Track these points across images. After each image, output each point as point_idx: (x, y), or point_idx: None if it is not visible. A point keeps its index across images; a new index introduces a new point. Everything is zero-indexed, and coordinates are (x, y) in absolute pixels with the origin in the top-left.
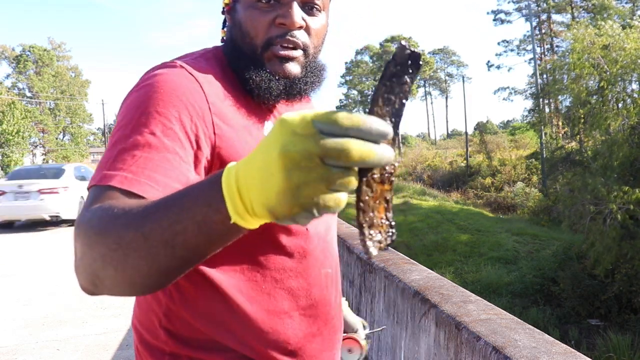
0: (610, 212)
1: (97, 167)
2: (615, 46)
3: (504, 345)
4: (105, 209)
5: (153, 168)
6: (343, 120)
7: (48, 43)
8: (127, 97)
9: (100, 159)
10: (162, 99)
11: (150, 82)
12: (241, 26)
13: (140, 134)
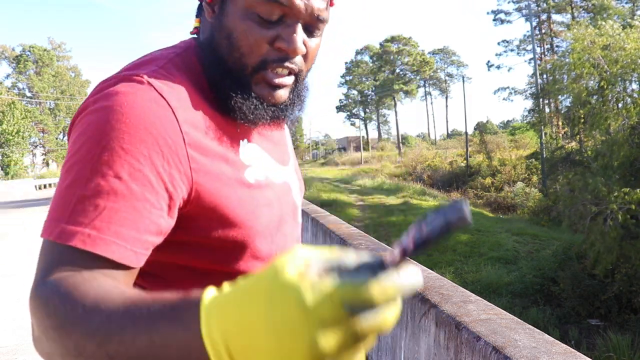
0: (611, 212)
1: (52, 211)
2: (616, 46)
3: (504, 345)
4: (64, 295)
5: (120, 221)
6: (379, 297)
7: (48, 43)
8: (81, 118)
9: (54, 198)
10: (129, 131)
11: (111, 104)
12: (231, 37)
13: (103, 178)
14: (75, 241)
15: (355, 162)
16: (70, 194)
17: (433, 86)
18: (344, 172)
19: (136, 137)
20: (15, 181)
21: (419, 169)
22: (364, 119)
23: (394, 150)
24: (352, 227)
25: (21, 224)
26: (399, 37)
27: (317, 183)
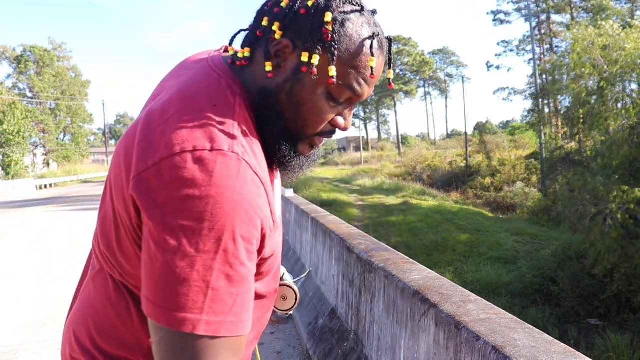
0: (610, 212)
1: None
2: (615, 46)
3: (504, 344)
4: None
5: (248, 304)
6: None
7: (48, 43)
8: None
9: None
10: (244, 221)
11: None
12: (302, 107)
13: (232, 267)
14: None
15: (355, 162)
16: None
17: (433, 86)
18: (344, 172)
19: (250, 223)
20: (15, 181)
21: (419, 169)
22: (363, 119)
23: (394, 150)
24: (352, 227)
25: (21, 224)
26: (399, 37)
27: (317, 183)
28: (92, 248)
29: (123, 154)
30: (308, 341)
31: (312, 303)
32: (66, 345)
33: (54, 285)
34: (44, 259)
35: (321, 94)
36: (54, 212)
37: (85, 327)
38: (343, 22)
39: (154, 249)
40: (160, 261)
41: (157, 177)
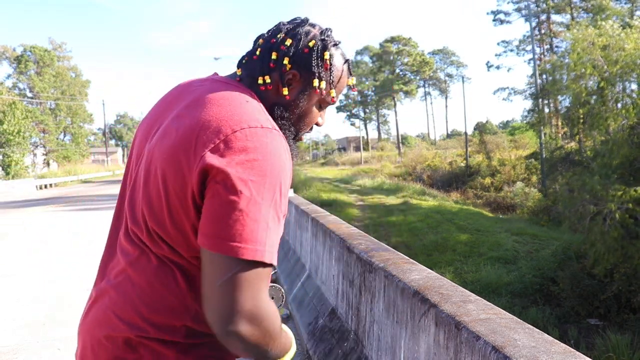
0: (610, 212)
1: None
2: (615, 46)
3: (504, 344)
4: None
5: (277, 244)
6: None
7: (48, 43)
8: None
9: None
10: (285, 180)
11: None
12: (305, 116)
13: (277, 214)
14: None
15: (355, 162)
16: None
17: (433, 86)
18: (344, 172)
19: (287, 182)
20: (15, 181)
21: (419, 169)
22: (364, 119)
23: (394, 150)
24: (352, 227)
25: (21, 224)
26: (399, 37)
27: (317, 183)
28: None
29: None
30: (308, 341)
31: (312, 303)
32: (99, 328)
33: (54, 285)
34: (44, 259)
35: (314, 105)
36: (54, 212)
37: (131, 306)
38: (332, 56)
39: (229, 199)
40: (238, 208)
41: (227, 148)
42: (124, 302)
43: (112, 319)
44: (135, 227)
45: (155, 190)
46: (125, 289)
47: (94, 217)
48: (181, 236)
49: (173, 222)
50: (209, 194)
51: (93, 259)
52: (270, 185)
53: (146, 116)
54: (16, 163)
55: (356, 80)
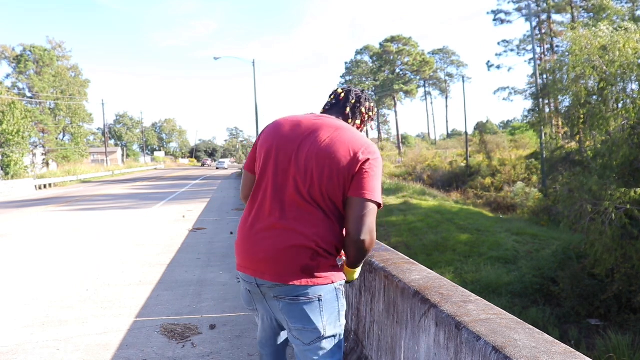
0: (609, 213)
1: (376, 190)
2: (613, 47)
3: (504, 345)
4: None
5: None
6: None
7: (48, 42)
8: (376, 151)
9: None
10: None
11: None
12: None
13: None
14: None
15: None
16: (379, 188)
17: (433, 86)
18: None
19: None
20: (15, 181)
21: (419, 169)
22: None
23: (394, 150)
24: None
25: (21, 224)
26: (399, 37)
27: None
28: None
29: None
30: None
31: None
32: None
33: (54, 285)
34: (44, 258)
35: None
36: (54, 212)
37: (312, 234)
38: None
39: (370, 174)
40: (373, 178)
41: (370, 152)
42: (307, 231)
43: (300, 237)
44: (312, 194)
45: (328, 173)
46: (306, 225)
47: (93, 217)
48: (341, 196)
49: (334, 191)
50: (359, 174)
51: (93, 259)
52: (380, 169)
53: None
54: (15, 163)
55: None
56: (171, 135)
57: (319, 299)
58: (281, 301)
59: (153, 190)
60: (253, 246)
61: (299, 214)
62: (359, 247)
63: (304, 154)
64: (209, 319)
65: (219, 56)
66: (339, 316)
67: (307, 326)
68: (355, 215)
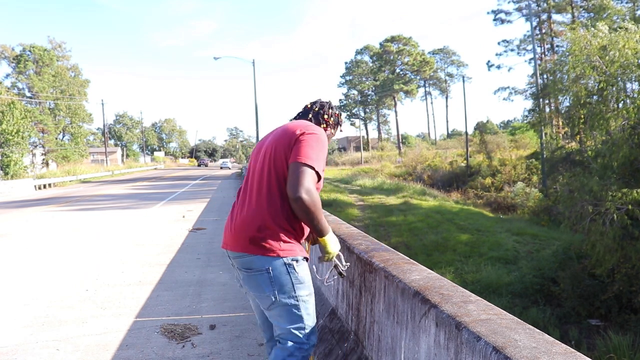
0: (610, 213)
1: (310, 157)
2: (613, 47)
3: (504, 345)
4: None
5: (322, 169)
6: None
7: (48, 42)
8: (317, 129)
9: (308, 152)
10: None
11: (323, 133)
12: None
13: (322, 160)
14: (320, 172)
15: (355, 162)
16: (317, 158)
17: (433, 86)
18: (344, 172)
19: (325, 149)
20: (14, 181)
21: (419, 169)
22: (364, 119)
23: (394, 150)
24: (352, 227)
25: (21, 224)
26: (399, 36)
27: None
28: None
29: (284, 135)
30: None
31: None
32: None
33: (54, 285)
34: (44, 259)
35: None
36: (54, 212)
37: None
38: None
39: (304, 143)
40: (307, 146)
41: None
42: (258, 207)
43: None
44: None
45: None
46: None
47: (93, 217)
48: (284, 168)
49: (285, 163)
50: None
51: (93, 259)
52: (320, 141)
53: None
54: (15, 163)
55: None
56: (171, 135)
57: (267, 271)
58: (241, 273)
59: (153, 190)
60: (228, 226)
61: (257, 195)
62: (299, 206)
63: (264, 148)
64: (208, 319)
65: (219, 56)
66: (295, 288)
67: (261, 294)
68: (290, 177)
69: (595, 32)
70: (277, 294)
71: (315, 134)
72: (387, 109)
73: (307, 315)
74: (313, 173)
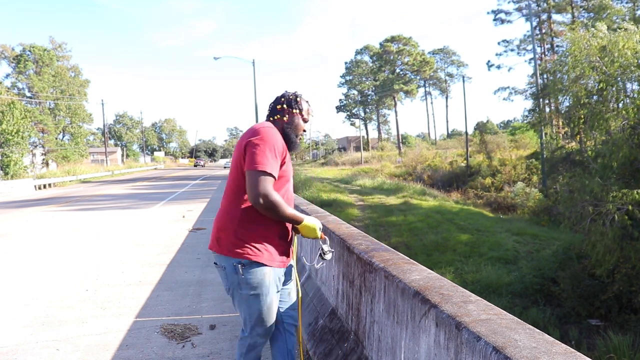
0: (610, 214)
1: (260, 161)
2: (613, 47)
3: (504, 345)
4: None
5: (275, 168)
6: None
7: (49, 42)
8: (262, 131)
9: (256, 158)
10: (276, 143)
11: (271, 131)
12: (296, 128)
13: (274, 159)
14: (273, 173)
15: (355, 162)
16: (268, 159)
17: (433, 86)
18: (344, 172)
19: (278, 144)
20: (14, 181)
21: (419, 169)
22: (364, 119)
23: (394, 150)
24: (352, 227)
25: (21, 224)
26: (399, 36)
27: (317, 183)
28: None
29: (238, 144)
30: (308, 342)
31: (312, 303)
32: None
33: (54, 285)
34: (44, 259)
35: (301, 122)
36: (54, 212)
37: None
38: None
39: (252, 150)
40: (254, 153)
41: (253, 135)
42: (219, 211)
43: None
44: (229, 182)
45: (235, 163)
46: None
47: (93, 217)
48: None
49: (242, 171)
50: (246, 154)
51: (93, 259)
52: (269, 145)
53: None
54: (15, 163)
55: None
56: (171, 135)
57: (223, 268)
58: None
59: (153, 190)
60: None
61: (224, 198)
62: (261, 210)
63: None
64: (208, 319)
65: (219, 56)
66: (240, 287)
67: (224, 286)
68: (247, 186)
69: (595, 33)
70: (230, 289)
71: (259, 136)
72: (387, 109)
73: (250, 313)
74: (265, 177)
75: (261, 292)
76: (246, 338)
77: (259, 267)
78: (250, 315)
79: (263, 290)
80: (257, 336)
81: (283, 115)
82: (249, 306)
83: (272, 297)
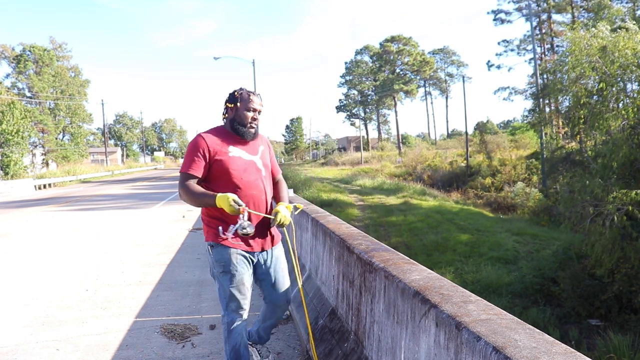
0: (609, 214)
1: (183, 164)
2: (613, 48)
3: (504, 345)
4: (188, 185)
5: (197, 168)
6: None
7: (49, 42)
8: (190, 142)
9: (183, 161)
10: (196, 148)
11: (194, 140)
12: (240, 118)
13: (193, 160)
14: (191, 171)
15: (355, 162)
16: (187, 160)
17: (433, 86)
18: (344, 172)
19: (197, 148)
20: (14, 181)
21: (419, 169)
22: (364, 119)
23: (394, 150)
24: (352, 227)
25: (21, 224)
26: (399, 36)
27: (317, 183)
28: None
29: None
30: (308, 342)
31: (312, 303)
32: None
33: (54, 285)
34: (44, 259)
35: (246, 111)
36: (54, 212)
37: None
38: (242, 95)
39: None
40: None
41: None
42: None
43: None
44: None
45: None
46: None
47: (93, 217)
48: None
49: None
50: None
51: (93, 259)
52: (189, 151)
53: None
54: (15, 163)
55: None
56: (171, 135)
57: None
58: None
59: (153, 190)
60: None
61: None
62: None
63: None
64: (208, 319)
65: (219, 56)
66: (213, 266)
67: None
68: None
69: (595, 33)
70: (210, 270)
71: (189, 143)
72: (387, 109)
73: (223, 290)
74: (181, 175)
75: (228, 270)
76: (224, 317)
77: (224, 248)
78: (223, 292)
79: (230, 269)
80: (232, 312)
81: (227, 112)
82: (220, 284)
83: (242, 276)
